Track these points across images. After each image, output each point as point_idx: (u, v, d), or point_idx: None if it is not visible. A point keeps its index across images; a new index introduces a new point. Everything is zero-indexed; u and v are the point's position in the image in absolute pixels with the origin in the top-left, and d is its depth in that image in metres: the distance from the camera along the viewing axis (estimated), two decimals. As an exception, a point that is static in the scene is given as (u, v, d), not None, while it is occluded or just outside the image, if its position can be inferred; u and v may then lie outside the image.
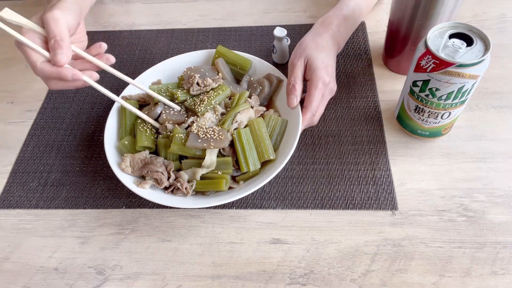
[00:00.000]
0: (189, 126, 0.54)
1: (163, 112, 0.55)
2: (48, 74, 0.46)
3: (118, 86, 0.68)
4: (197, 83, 0.56)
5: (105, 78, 0.70)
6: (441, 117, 0.52)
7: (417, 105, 0.52)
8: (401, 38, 0.59)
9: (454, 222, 0.50)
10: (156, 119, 0.56)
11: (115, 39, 0.76)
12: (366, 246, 0.49)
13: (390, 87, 0.64)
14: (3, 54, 0.76)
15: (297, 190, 0.54)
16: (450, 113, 0.51)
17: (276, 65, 0.68)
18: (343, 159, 0.57)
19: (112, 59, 0.51)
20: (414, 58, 0.49)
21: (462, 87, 0.47)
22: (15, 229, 0.54)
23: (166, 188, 0.52)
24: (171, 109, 0.55)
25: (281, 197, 0.54)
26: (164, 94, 0.57)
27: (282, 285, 0.47)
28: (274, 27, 0.69)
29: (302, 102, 0.55)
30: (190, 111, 0.56)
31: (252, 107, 0.57)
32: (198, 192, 0.53)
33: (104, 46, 0.51)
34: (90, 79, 0.48)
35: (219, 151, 0.53)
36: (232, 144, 0.53)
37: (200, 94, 0.57)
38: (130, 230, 0.53)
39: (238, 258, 0.50)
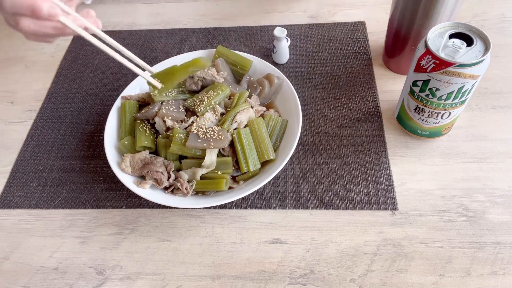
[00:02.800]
0: (189, 126, 0.54)
1: (163, 107, 0.55)
2: (18, 4, 0.39)
3: (118, 86, 0.68)
4: None
5: (104, 77, 0.70)
6: (441, 117, 0.52)
7: (417, 105, 0.52)
8: (401, 38, 0.59)
9: (454, 222, 0.50)
10: (153, 118, 0.56)
11: (115, 39, 0.75)
12: (366, 246, 0.49)
13: (390, 87, 0.64)
14: (3, 54, 0.76)
15: (297, 190, 0.54)
16: (450, 113, 0.51)
17: (276, 65, 0.68)
18: (343, 159, 0.57)
19: (100, 24, 0.47)
20: (414, 58, 0.49)
21: (462, 87, 0.47)
22: (15, 229, 0.54)
23: (166, 188, 0.52)
24: (170, 106, 0.55)
25: (281, 197, 0.54)
26: (165, 95, 0.57)
27: (282, 285, 0.47)
28: (274, 27, 0.69)
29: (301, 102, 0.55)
30: (190, 111, 0.56)
31: (252, 107, 0.57)
32: (198, 192, 0.53)
33: (92, 13, 0.46)
34: (72, 22, 0.42)
35: (219, 151, 0.53)
36: (232, 144, 0.53)
37: (199, 91, 0.57)
38: (130, 230, 0.53)
39: (238, 258, 0.50)
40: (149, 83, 0.52)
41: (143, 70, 0.52)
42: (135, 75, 0.63)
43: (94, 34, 0.47)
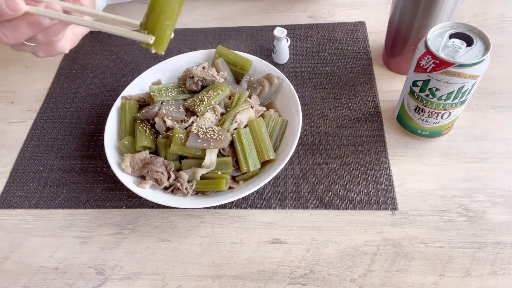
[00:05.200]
0: (189, 126, 0.54)
1: (163, 107, 0.55)
2: None
3: (118, 86, 0.68)
4: (203, 67, 0.58)
5: (104, 77, 0.70)
6: (441, 117, 0.52)
7: (417, 105, 0.52)
8: (401, 38, 0.59)
9: (454, 222, 0.50)
10: (153, 118, 0.56)
11: (115, 39, 0.76)
12: (366, 246, 0.49)
13: (390, 87, 0.64)
14: (3, 54, 0.76)
15: (297, 190, 0.54)
16: (450, 113, 0.51)
17: (276, 65, 0.68)
18: (343, 159, 0.57)
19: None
20: (414, 58, 0.49)
21: (462, 87, 0.47)
22: (15, 229, 0.54)
23: (166, 188, 0.52)
24: (170, 106, 0.55)
25: (281, 197, 0.54)
26: (165, 95, 0.57)
27: (282, 285, 0.47)
28: (274, 27, 0.69)
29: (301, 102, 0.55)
30: (190, 111, 0.56)
31: (252, 107, 0.57)
32: (198, 192, 0.53)
33: None
34: (42, 8, 0.37)
35: (219, 151, 0.53)
36: (232, 144, 0.53)
37: (199, 91, 0.57)
38: (130, 230, 0.53)
39: (238, 258, 0.50)
40: (142, 44, 0.40)
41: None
42: (135, 75, 0.63)
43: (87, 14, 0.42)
